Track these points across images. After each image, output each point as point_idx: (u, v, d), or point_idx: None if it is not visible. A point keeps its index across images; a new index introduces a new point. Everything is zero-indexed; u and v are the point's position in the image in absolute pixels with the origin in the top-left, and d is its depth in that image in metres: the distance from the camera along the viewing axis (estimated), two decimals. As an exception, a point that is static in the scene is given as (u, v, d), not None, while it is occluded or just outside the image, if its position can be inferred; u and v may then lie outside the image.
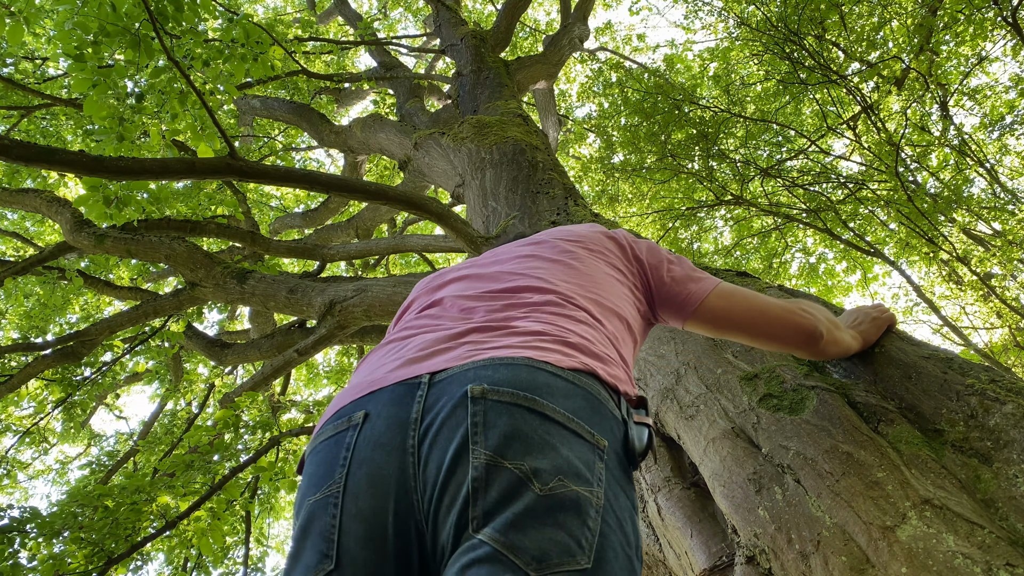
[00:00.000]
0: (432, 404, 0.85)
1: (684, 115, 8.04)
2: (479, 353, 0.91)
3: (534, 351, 0.91)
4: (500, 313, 1.03)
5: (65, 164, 2.04)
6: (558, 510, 0.76)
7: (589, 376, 0.92)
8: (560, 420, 0.83)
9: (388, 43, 8.19)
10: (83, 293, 8.17)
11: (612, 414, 0.92)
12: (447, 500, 0.78)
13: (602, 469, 0.83)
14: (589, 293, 1.11)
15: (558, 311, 1.03)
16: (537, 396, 0.84)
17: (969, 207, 7.35)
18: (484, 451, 0.79)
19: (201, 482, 3.60)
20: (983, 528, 1.00)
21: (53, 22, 4.92)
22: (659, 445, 1.79)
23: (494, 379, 0.85)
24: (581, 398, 0.88)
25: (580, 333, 1.00)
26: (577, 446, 0.82)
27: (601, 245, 1.26)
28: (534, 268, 1.15)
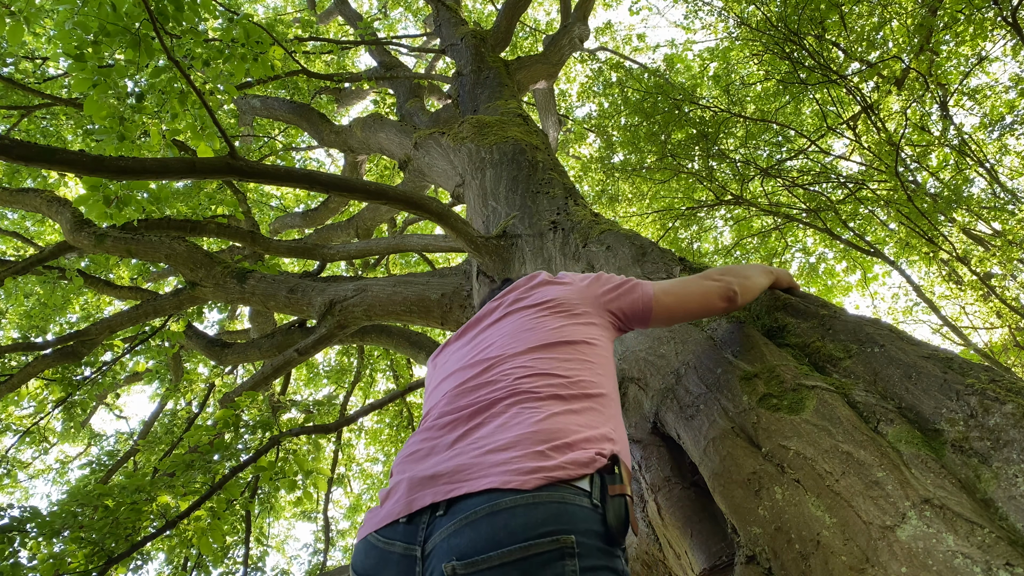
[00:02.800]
0: (429, 555, 1.04)
1: (684, 115, 8.04)
2: (456, 490, 1.09)
3: (500, 478, 1.06)
4: (472, 433, 1.21)
5: (65, 164, 2.04)
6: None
7: (553, 486, 1.05)
8: (516, 558, 0.97)
9: (388, 43, 8.19)
10: (83, 293, 8.17)
11: (580, 506, 1.05)
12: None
13: (573, 566, 0.97)
14: (555, 367, 1.28)
15: (525, 412, 1.19)
16: (492, 552, 0.98)
17: (969, 207, 7.35)
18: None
19: (201, 482, 3.60)
20: (983, 528, 1.00)
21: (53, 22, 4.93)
22: (659, 445, 1.79)
23: (460, 548, 1.01)
24: (543, 510, 1.02)
25: (549, 430, 1.14)
26: (539, 567, 0.96)
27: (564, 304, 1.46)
28: (502, 360, 1.33)
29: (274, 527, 10.56)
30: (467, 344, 1.49)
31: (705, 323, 1.85)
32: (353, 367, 9.46)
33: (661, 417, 1.73)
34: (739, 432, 1.44)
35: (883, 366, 1.40)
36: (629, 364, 1.92)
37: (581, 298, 1.49)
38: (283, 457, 3.97)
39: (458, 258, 9.81)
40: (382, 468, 10.29)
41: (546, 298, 1.48)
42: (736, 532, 1.37)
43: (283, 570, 9.35)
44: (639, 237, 2.54)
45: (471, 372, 1.35)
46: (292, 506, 9.19)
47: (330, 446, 8.41)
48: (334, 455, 8.57)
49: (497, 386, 1.26)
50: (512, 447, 1.11)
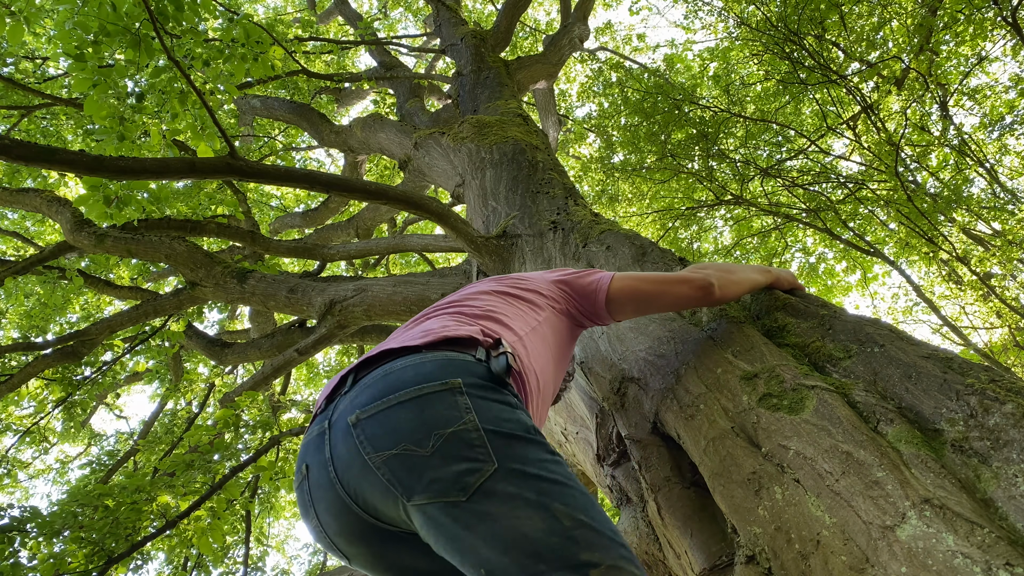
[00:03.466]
0: (333, 443, 1.13)
1: (684, 115, 8.04)
2: (361, 371, 1.22)
3: (400, 342, 1.23)
4: (416, 324, 1.39)
5: (65, 164, 2.04)
6: (450, 452, 1.02)
7: (437, 345, 1.21)
8: (412, 397, 1.09)
9: (388, 43, 8.19)
10: (83, 293, 8.17)
11: (463, 359, 1.18)
12: (382, 499, 1.05)
13: (464, 399, 1.09)
14: (472, 307, 1.43)
15: (445, 312, 1.40)
16: (388, 396, 1.10)
17: (969, 207, 7.35)
18: (376, 454, 1.05)
19: (201, 481, 3.60)
20: (983, 527, 1.00)
21: (53, 22, 4.92)
22: (659, 445, 1.79)
23: (360, 403, 1.12)
24: (430, 364, 1.15)
25: (447, 324, 1.31)
26: (433, 402, 1.08)
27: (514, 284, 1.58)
28: (468, 296, 1.50)
29: (274, 527, 10.56)
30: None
31: (705, 323, 1.85)
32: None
33: (661, 417, 1.73)
34: (739, 432, 1.44)
35: (883, 366, 1.40)
36: (629, 364, 1.92)
37: (538, 282, 1.60)
38: (283, 457, 3.98)
39: (458, 258, 9.81)
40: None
41: (505, 283, 1.59)
42: (736, 532, 1.37)
43: (283, 570, 9.36)
44: (639, 237, 2.54)
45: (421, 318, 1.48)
46: (292, 506, 9.19)
47: (330, 446, 8.40)
48: (334, 455, 8.55)
49: (437, 313, 1.43)
50: (413, 333, 1.29)
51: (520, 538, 0.94)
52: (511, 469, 1.01)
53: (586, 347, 2.16)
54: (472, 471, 1.00)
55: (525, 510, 0.97)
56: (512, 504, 0.97)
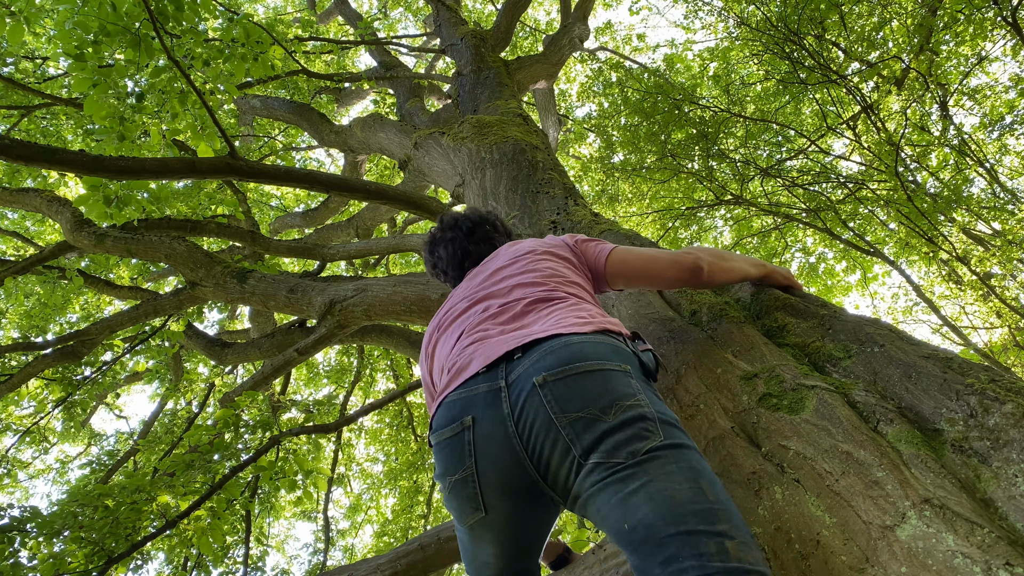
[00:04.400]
0: (516, 400, 1.22)
1: (684, 115, 8.04)
2: (529, 337, 1.31)
3: (562, 329, 1.31)
4: (528, 304, 1.48)
5: (65, 164, 2.04)
6: (627, 423, 1.15)
7: (602, 333, 1.33)
8: (596, 368, 1.21)
9: (388, 43, 8.19)
10: (83, 292, 8.17)
11: (625, 349, 1.32)
12: (557, 455, 1.16)
13: (636, 383, 1.23)
14: (564, 279, 1.56)
15: (562, 295, 1.49)
16: (574, 364, 1.21)
17: (969, 207, 7.35)
18: (564, 415, 1.16)
19: (201, 481, 3.60)
20: (983, 527, 1.00)
21: (53, 22, 4.92)
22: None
23: (546, 366, 1.22)
24: (604, 346, 1.27)
25: (580, 304, 1.44)
26: (614, 378, 1.21)
27: (548, 247, 1.70)
28: (521, 277, 1.57)
29: (274, 527, 10.55)
30: (475, 285, 1.65)
31: (705, 323, 1.85)
32: (353, 367, 9.46)
33: (661, 417, 1.73)
34: (739, 432, 1.44)
35: (883, 366, 1.40)
36: (629, 364, 1.92)
37: (561, 246, 1.72)
38: (283, 457, 3.97)
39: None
40: (382, 468, 10.28)
41: (534, 244, 1.71)
42: (736, 532, 1.37)
43: (283, 570, 9.35)
44: (639, 237, 2.54)
45: (496, 299, 1.54)
46: (292, 506, 9.18)
47: (330, 446, 8.42)
48: (334, 455, 8.57)
49: (526, 299, 1.49)
50: (562, 318, 1.37)
51: (670, 499, 1.06)
52: (672, 444, 1.14)
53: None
54: (642, 438, 1.13)
55: (678, 478, 1.08)
56: (668, 472, 1.09)
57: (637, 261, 1.66)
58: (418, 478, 9.02)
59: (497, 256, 1.72)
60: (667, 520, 1.04)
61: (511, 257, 1.67)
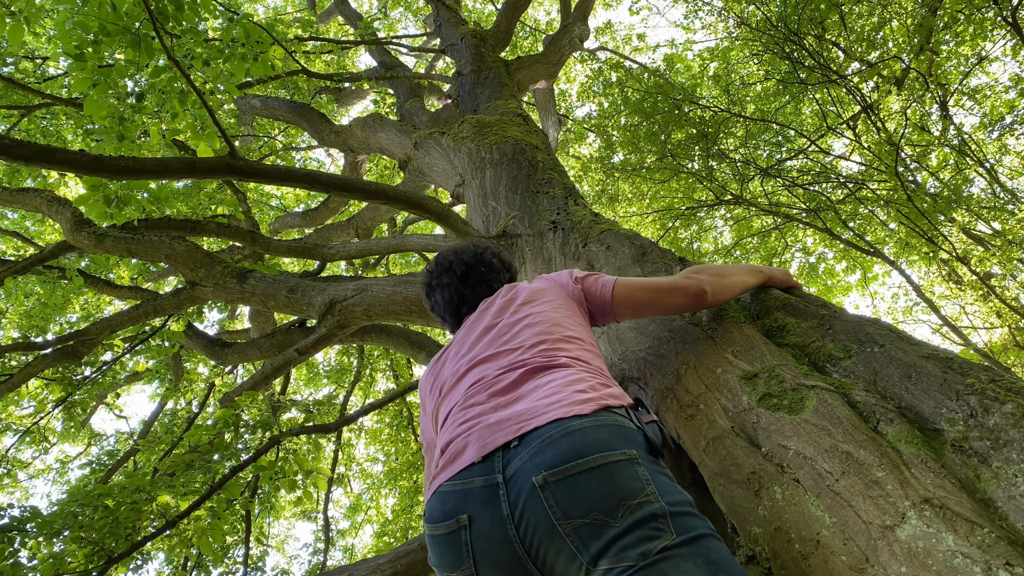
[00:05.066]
0: (515, 500, 1.16)
1: (684, 115, 8.04)
2: (525, 426, 1.24)
3: (562, 411, 1.24)
4: (516, 397, 1.36)
5: (65, 164, 2.04)
6: (637, 524, 1.08)
7: (604, 411, 1.25)
8: (599, 464, 1.14)
9: (388, 43, 8.19)
10: (83, 292, 8.17)
11: (630, 427, 1.24)
12: (562, 561, 1.10)
13: (643, 471, 1.15)
14: (561, 337, 1.49)
15: (554, 374, 1.38)
16: (575, 460, 1.14)
17: (969, 207, 7.35)
18: (568, 522, 1.10)
19: (201, 481, 3.60)
20: (983, 527, 1.00)
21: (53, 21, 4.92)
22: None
23: (546, 463, 1.15)
24: (606, 430, 1.20)
25: (578, 373, 1.37)
26: (620, 472, 1.13)
27: (545, 294, 1.66)
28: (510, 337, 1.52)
29: (274, 527, 10.55)
30: (470, 344, 1.60)
31: (706, 323, 1.85)
32: (353, 367, 9.46)
33: (661, 417, 1.73)
34: (739, 432, 1.44)
35: (883, 366, 1.40)
36: (629, 364, 1.92)
37: (559, 289, 1.70)
38: (283, 457, 3.97)
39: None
40: (382, 468, 10.28)
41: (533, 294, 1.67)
42: (736, 532, 1.37)
43: (283, 570, 9.34)
44: (639, 237, 2.54)
45: (491, 363, 1.48)
46: (292, 506, 9.18)
47: (330, 446, 8.41)
48: (334, 455, 8.57)
49: (522, 367, 1.43)
50: (559, 393, 1.30)
51: None
52: (687, 540, 1.08)
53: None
54: (654, 539, 1.07)
55: (693, 572, 1.04)
56: (685, 571, 1.04)
57: (643, 295, 1.67)
58: (418, 478, 9.02)
59: (492, 307, 1.67)
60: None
61: (508, 310, 1.63)
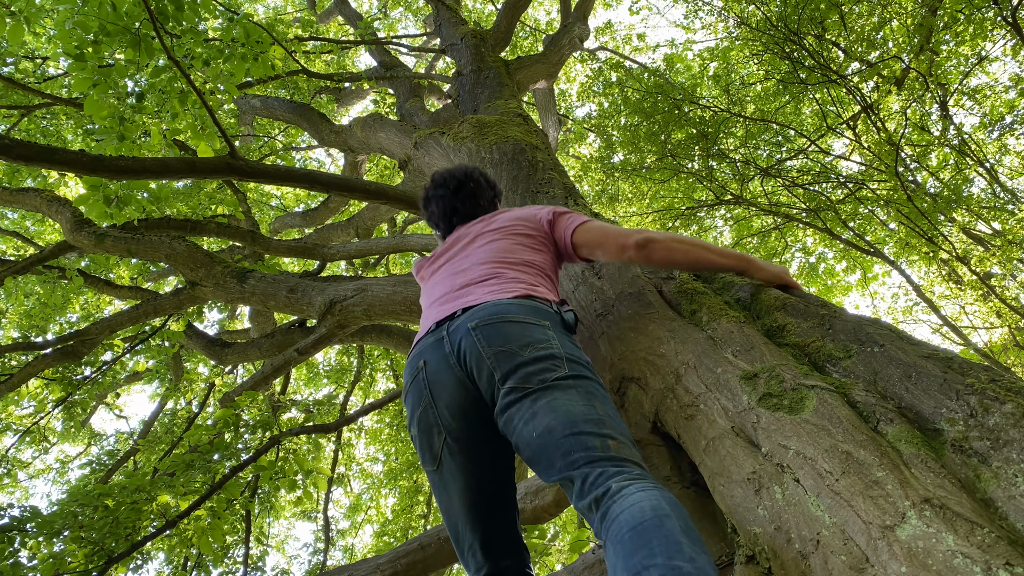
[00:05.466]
0: (455, 341, 1.60)
1: (684, 115, 8.04)
2: (466, 304, 1.69)
3: (494, 296, 1.69)
4: (472, 284, 1.81)
5: (65, 163, 2.04)
6: (540, 359, 1.49)
7: (528, 297, 1.69)
8: (518, 320, 1.59)
9: (388, 43, 8.19)
10: (83, 292, 8.17)
11: (546, 310, 1.67)
12: (485, 380, 1.52)
13: (552, 332, 1.58)
14: (511, 260, 1.88)
15: (502, 275, 1.81)
16: (501, 316, 1.59)
17: (969, 207, 7.35)
18: (489, 348, 1.52)
19: (201, 481, 3.60)
20: (983, 527, 1.00)
21: (53, 21, 4.92)
22: (658, 444, 1.79)
23: (477, 317, 1.60)
24: (525, 307, 1.63)
25: (515, 279, 1.78)
26: (532, 328, 1.57)
27: (515, 225, 1.99)
28: (479, 257, 1.90)
29: (274, 527, 10.55)
30: (450, 256, 2.00)
31: (705, 323, 1.85)
32: (353, 367, 9.46)
33: (661, 417, 1.73)
34: (739, 432, 1.44)
35: (883, 366, 1.40)
36: (629, 364, 1.92)
37: (532, 222, 2.00)
38: (283, 457, 3.97)
39: (458, 258, 9.78)
40: (382, 468, 10.28)
41: (507, 222, 2.00)
42: (736, 532, 1.37)
43: (283, 570, 9.35)
44: (639, 237, 2.53)
45: (458, 275, 1.87)
46: (292, 506, 9.18)
47: (330, 446, 8.41)
48: (334, 455, 8.57)
49: (477, 279, 1.81)
50: (495, 288, 1.73)
51: (568, 413, 1.39)
52: (575, 375, 1.48)
53: (586, 347, 2.16)
54: (551, 371, 1.47)
55: (577, 399, 1.42)
56: (569, 395, 1.43)
57: (594, 236, 1.92)
58: (418, 478, 9.02)
59: (473, 229, 2.04)
60: (564, 426, 1.37)
61: (484, 232, 1.99)
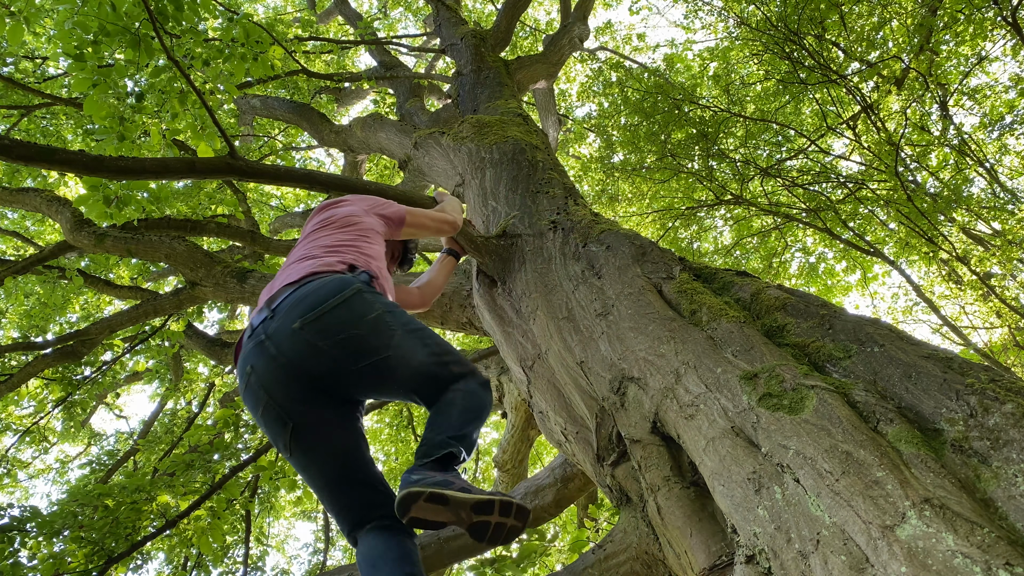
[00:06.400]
0: (279, 344, 1.71)
1: (684, 115, 8.04)
2: (272, 300, 1.83)
3: (300, 272, 1.86)
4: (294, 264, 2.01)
5: (65, 164, 2.04)
6: (376, 328, 1.73)
7: (326, 272, 1.85)
8: (340, 301, 1.73)
9: (388, 43, 8.19)
10: (83, 292, 8.17)
11: (351, 276, 1.84)
12: (324, 368, 1.71)
13: (371, 295, 1.79)
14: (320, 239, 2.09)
15: (313, 256, 1.98)
16: (322, 305, 1.72)
17: (969, 207, 7.35)
18: (327, 340, 1.69)
19: (201, 481, 3.60)
20: (982, 527, 1.00)
21: (53, 21, 4.92)
22: (659, 444, 1.79)
23: (297, 314, 1.72)
24: (334, 281, 1.79)
25: (320, 258, 1.95)
26: (355, 302, 1.74)
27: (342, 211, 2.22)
28: (304, 246, 2.11)
29: (274, 527, 10.55)
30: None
31: (705, 323, 1.85)
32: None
33: (661, 417, 1.73)
34: (739, 432, 1.44)
35: (883, 366, 1.40)
36: (629, 364, 1.92)
37: (356, 213, 2.20)
38: (283, 457, 3.97)
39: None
40: (382, 468, 10.28)
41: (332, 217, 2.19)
42: (736, 532, 1.37)
43: (283, 570, 9.36)
44: (639, 237, 2.54)
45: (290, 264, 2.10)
46: (292, 506, 9.18)
47: (330, 446, 8.39)
48: (334, 455, 8.55)
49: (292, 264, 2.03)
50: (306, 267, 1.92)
51: (412, 355, 1.72)
52: (406, 329, 1.75)
53: (586, 347, 2.16)
54: (388, 336, 1.72)
55: (418, 347, 1.74)
56: (411, 347, 1.73)
57: (422, 217, 2.40)
58: (418, 478, 9.00)
59: (311, 219, 2.27)
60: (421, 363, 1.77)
61: (313, 224, 2.22)
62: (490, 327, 3.01)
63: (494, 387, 4.86)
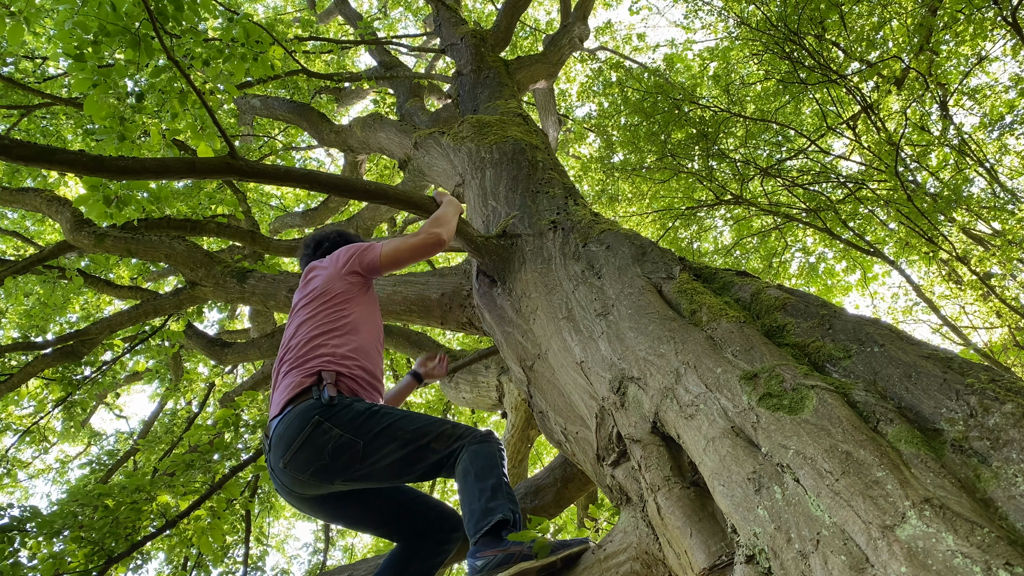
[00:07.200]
0: (277, 473, 2.01)
1: (684, 115, 8.04)
2: (274, 404, 2.11)
3: (280, 404, 2.06)
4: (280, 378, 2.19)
5: (65, 164, 2.04)
6: (337, 454, 1.91)
7: (288, 406, 2.02)
8: (303, 442, 1.93)
9: (388, 42, 8.19)
10: (83, 292, 8.17)
11: (309, 404, 1.97)
12: (310, 489, 2.01)
13: (327, 424, 1.92)
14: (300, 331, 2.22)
15: (292, 366, 2.14)
16: (290, 448, 1.94)
17: (969, 207, 7.35)
18: (302, 475, 1.95)
19: (201, 481, 3.60)
20: (982, 527, 1.00)
21: (53, 21, 4.92)
22: (659, 444, 1.79)
23: (279, 455, 1.98)
24: (295, 418, 1.97)
25: (295, 370, 2.10)
26: (315, 437, 1.91)
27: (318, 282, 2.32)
28: (289, 335, 2.26)
29: (274, 527, 10.55)
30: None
31: (705, 323, 1.85)
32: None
33: (661, 417, 1.73)
34: (739, 432, 1.44)
35: (883, 366, 1.40)
36: (629, 363, 1.92)
37: (331, 280, 2.29)
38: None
39: (458, 258, 9.80)
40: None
41: (312, 292, 2.29)
42: (736, 531, 1.37)
43: (283, 570, 9.35)
44: (639, 237, 2.54)
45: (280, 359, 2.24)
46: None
47: (330, 446, 8.39)
48: (334, 455, 8.54)
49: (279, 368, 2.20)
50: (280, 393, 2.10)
51: (383, 458, 1.93)
52: (372, 435, 1.92)
53: (586, 347, 2.16)
54: (353, 453, 1.91)
55: (390, 448, 1.92)
56: (381, 452, 1.92)
57: (399, 253, 2.31)
58: (418, 478, 9.00)
59: (299, 287, 2.41)
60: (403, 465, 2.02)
61: (296, 298, 2.36)
62: (490, 327, 3.00)
63: (494, 387, 4.86)
